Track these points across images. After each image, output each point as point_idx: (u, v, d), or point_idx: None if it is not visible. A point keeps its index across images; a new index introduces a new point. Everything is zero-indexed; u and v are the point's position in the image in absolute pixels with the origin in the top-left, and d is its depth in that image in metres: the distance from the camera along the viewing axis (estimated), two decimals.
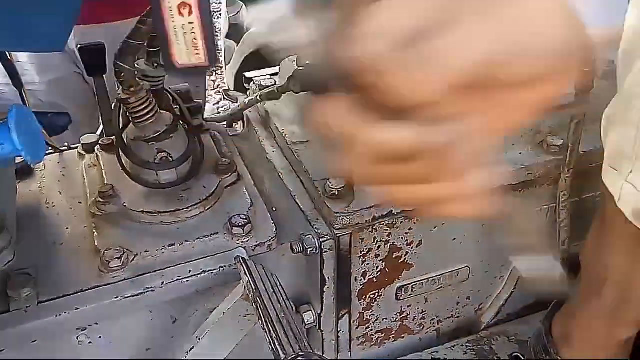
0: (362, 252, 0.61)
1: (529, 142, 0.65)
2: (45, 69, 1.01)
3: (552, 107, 0.29)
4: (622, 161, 0.48)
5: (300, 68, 0.68)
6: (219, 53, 0.44)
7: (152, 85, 0.62)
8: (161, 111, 0.61)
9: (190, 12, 0.40)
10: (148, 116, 0.59)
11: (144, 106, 0.58)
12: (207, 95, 0.59)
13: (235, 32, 1.76)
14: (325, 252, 0.58)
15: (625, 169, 0.47)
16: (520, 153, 0.64)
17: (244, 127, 0.80)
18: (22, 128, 0.38)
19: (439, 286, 0.69)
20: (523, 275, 0.68)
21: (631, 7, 0.44)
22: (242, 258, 0.52)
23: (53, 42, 0.43)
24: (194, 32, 0.41)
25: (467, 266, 0.69)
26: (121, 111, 0.63)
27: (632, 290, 0.60)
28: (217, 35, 0.44)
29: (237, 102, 0.93)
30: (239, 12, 1.76)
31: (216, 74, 0.54)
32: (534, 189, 0.66)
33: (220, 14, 0.44)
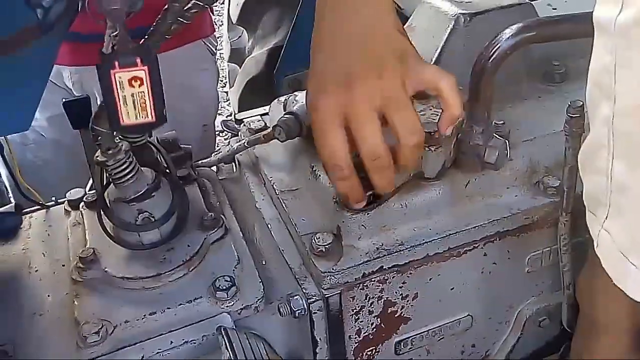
0: (354, 310, 0.58)
1: (525, 184, 0.62)
2: (44, 106, 1.00)
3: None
4: (598, 207, 0.46)
5: (285, 117, 0.66)
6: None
7: (133, 142, 0.61)
8: (143, 169, 0.60)
9: (141, 84, 0.39)
10: (128, 177, 0.57)
11: (122, 167, 0.56)
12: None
13: (237, 55, 1.77)
14: (315, 313, 0.55)
15: (601, 215, 0.46)
16: (516, 196, 0.61)
17: (235, 170, 0.79)
18: None
19: (441, 337, 0.66)
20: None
21: (594, 50, 0.42)
22: (224, 329, 0.49)
23: (18, 125, 0.42)
24: (143, 99, 0.40)
25: (469, 314, 0.66)
26: (103, 171, 0.61)
27: (624, 334, 0.56)
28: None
29: (236, 132, 0.91)
30: (240, 36, 1.77)
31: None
32: (533, 233, 0.63)
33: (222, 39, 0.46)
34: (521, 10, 0.70)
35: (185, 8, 0.55)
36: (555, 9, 0.91)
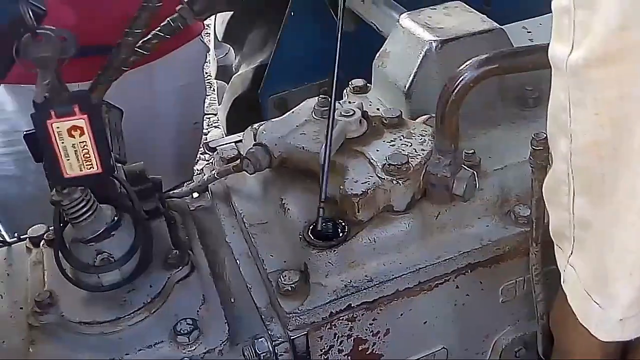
0: (323, 350, 0.56)
1: (496, 214, 0.61)
2: None
3: None
4: (563, 241, 0.46)
5: (254, 148, 0.64)
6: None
7: None
8: (102, 206, 0.58)
9: (82, 133, 0.37)
10: (84, 217, 0.55)
11: (79, 207, 0.54)
12: None
13: (224, 73, 1.76)
14: (281, 355, 0.53)
15: (566, 249, 0.45)
16: (488, 226, 0.60)
17: (208, 200, 0.77)
18: None
19: None
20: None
21: (552, 86, 0.41)
22: None
23: None
24: (86, 149, 0.38)
25: (444, 347, 0.64)
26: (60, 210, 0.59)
27: None
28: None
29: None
30: (226, 54, 1.76)
31: None
32: (505, 263, 0.61)
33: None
34: (493, 36, 0.69)
35: (145, 39, 0.54)
36: (530, 31, 0.91)
